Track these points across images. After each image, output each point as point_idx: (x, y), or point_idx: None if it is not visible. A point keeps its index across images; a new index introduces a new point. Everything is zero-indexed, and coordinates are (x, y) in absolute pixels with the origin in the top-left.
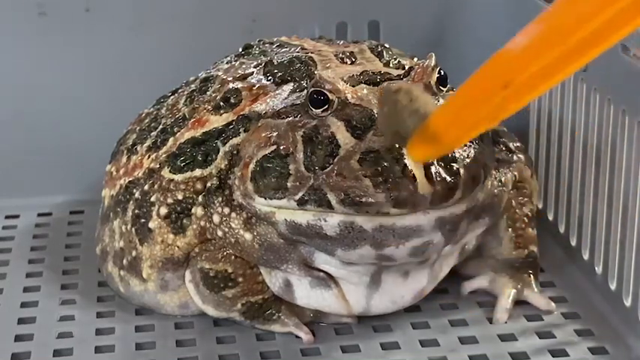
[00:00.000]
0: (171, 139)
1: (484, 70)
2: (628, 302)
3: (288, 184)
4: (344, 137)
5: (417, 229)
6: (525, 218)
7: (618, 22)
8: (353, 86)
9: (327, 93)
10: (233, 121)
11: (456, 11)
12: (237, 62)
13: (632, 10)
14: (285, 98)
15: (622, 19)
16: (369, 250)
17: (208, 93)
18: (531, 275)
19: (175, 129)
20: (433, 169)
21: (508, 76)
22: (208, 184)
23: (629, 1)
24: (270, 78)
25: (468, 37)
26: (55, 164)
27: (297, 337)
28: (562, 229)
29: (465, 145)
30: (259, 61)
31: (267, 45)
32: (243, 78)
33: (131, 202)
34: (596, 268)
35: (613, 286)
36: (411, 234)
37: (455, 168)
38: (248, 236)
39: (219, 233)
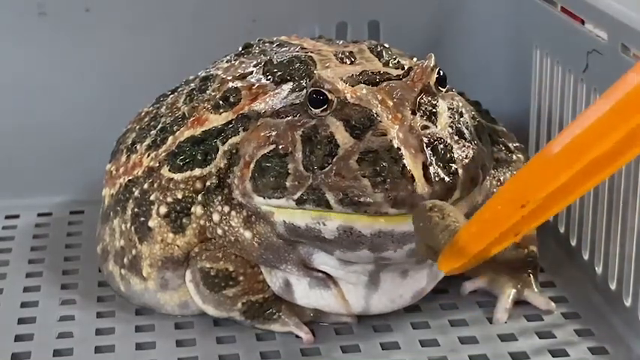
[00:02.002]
0: (170, 138)
1: (504, 190)
2: (628, 302)
3: (287, 184)
4: (343, 137)
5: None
6: None
7: (625, 145)
8: (352, 86)
9: (327, 93)
10: (232, 120)
11: (456, 11)
12: (237, 61)
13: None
14: (285, 98)
15: (630, 142)
16: (367, 253)
17: (208, 92)
18: (531, 275)
19: (175, 128)
20: (432, 170)
21: (525, 197)
22: (208, 183)
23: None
24: (269, 77)
25: (468, 38)
26: (55, 164)
27: (297, 336)
28: (562, 229)
29: (464, 146)
30: (259, 61)
31: (266, 44)
32: (243, 77)
33: (131, 200)
34: (596, 268)
35: (613, 286)
36: (409, 238)
37: (453, 168)
38: (248, 235)
39: (219, 232)
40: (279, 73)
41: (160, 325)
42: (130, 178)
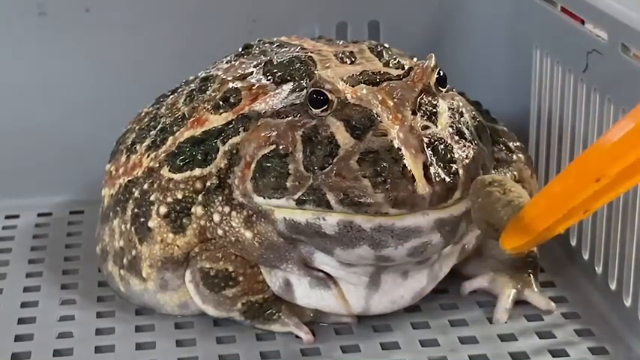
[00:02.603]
0: (170, 138)
1: (577, 164)
2: (628, 302)
3: (288, 184)
4: (343, 137)
5: (415, 230)
6: None
7: None
8: (352, 86)
9: (327, 93)
10: (232, 120)
11: (456, 12)
12: (237, 62)
13: None
14: (285, 98)
15: None
16: (368, 251)
17: (208, 92)
18: (531, 275)
19: (175, 128)
20: (432, 170)
21: (600, 171)
22: (208, 184)
23: None
24: (269, 77)
25: (468, 38)
26: (55, 164)
27: (297, 337)
28: None
29: (464, 146)
30: (259, 61)
31: (266, 45)
32: (243, 77)
33: (130, 201)
34: (596, 268)
35: (613, 286)
36: (409, 235)
37: (454, 168)
38: (248, 235)
39: (220, 232)
40: (279, 74)
41: (160, 325)
42: (130, 178)
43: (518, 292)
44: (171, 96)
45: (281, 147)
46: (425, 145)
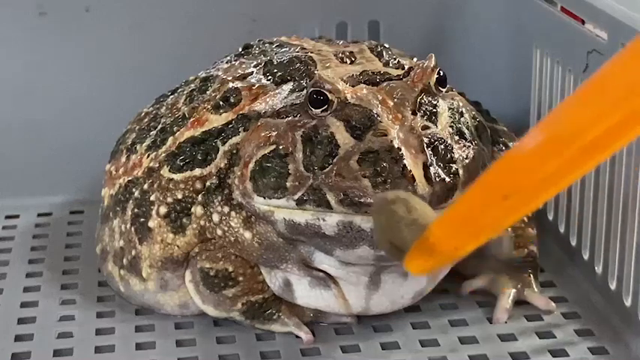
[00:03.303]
0: (170, 139)
1: (483, 181)
2: (628, 302)
3: (288, 184)
4: (343, 137)
5: None
6: (525, 218)
7: (619, 130)
8: (352, 86)
9: (327, 93)
10: (232, 120)
11: (456, 11)
12: (237, 62)
13: (633, 118)
14: (285, 98)
15: (624, 127)
16: (368, 251)
17: (208, 92)
18: (531, 275)
19: (175, 128)
20: (432, 170)
21: (508, 187)
22: (208, 184)
23: (630, 109)
24: (269, 77)
25: (468, 38)
26: (55, 164)
27: (297, 337)
28: (562, 229)
29: (464, 146)
30: (259, 61)
31: (266, 45)
32: (243, 77)
33: (130, 201)
34: (596, 268)
35: (613, 286)
36: None
37: (454, 168)
38: (248, 235)
39: (219, 232)
40: (279, 74)
41: (160, 325)
42: (130, 178)
43: (518, 292)
44: (172, 96)
45: (281, 147)
46: (425, 145)
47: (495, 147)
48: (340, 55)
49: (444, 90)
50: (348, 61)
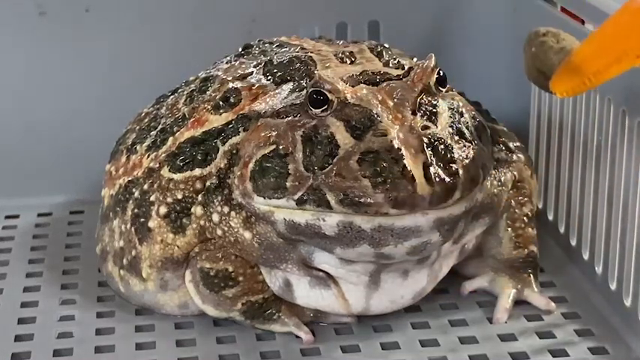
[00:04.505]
0: (170, 139)
1: (626, 8)
2: (628, 302)
3: (287, 184)
4: (343, 137)
5: (415, 230)
6: (525, 218)
7: None
8: (352, 86)
9: (327, 93)
10: (232, 120)
11: (456, 11)
12: (237, 62)
13: None
14: (285, 98)
15: None
16: (368, 249)
17: (208, 92)
18: (531, 275)
19: (175, 128)
20: (432, 170)
21: None
22: (208, 184)
23: None
24: (269, 78)
25: (468, 37)
26: (55, 164)
27: (297, 337)
28: (562, 229)
29: (464, 146)
30: (259, 61)
31: (266, 45)
32: (243, 78)
33: (130, 201)
34: (596, 268)
35: (613, 286)
36: (409, 234)
37: (454, 168)
38: (247, 235)
39: (219, 232)
40: (279, 74)
41: (160, 325)
42: (130, 178)
43: (518, 292)
44: (172, 96)
45: (281, 147)
46: (425, 145)
47: (495, 147)
48: (340, 55)
49: (444, 90)
50: (348, 61)
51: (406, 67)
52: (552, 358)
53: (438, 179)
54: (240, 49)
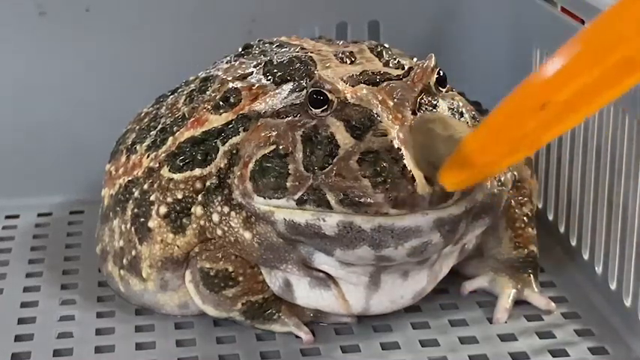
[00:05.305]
0: (170, 139)
1: (519, 91)
2: (628, 302)
3: (288, 184)
4: (343, 137)
5: (415, 230)
6: (525, 218)
7: None
8: (352, 86)
9: (327, 93)
10: (232, 120)
11: (456, 11)
12: (237, 62)
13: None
14: (285, 98)
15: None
16: (368, 251)
17: (208, 92)
18: (531, 275)
19: (175, 128)
20: None
21: (545, 97)
22: (208, 184)
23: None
24: (269, 78)
25: (468, 38)
26: (55, 164)
27: (297, 337)
28: (562, 229)
29: None
30: (259, 61)
31: (266, 45)
32: (243, 78)
33: (130, 201)
34: (596, 268)
35: (613, 286)
36: (409, 234)
37: None
38: (247, 235)
39: (219, 232)
40: (279, 74)
41: (160, 325)
42: (130, 178)
43: (518, 292)
44: (172, 96)
45: (281, 147)
46: None
47: None
48: (340, 55)
49: (444, 90)
50: (348, 61)
51: (406, 67)
52: (552, 358)
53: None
54: (240, 49)
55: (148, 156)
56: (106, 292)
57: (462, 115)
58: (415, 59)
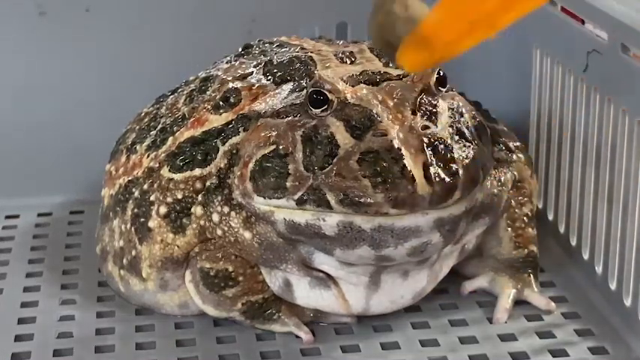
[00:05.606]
0: (170, 139)
1: None
2: (628, 302)
3: (287, 184)
4: (343, 137)
5: (415, 230)
6: (525, 218)
7: None
8: (352, 86)
9: (327, 93)
10: (232, 120)
11: None
12: (237, 62)
13: None
14: (285, 98)
15: None
16: (368, 251)
17: (208, 92)
18: (531, 275)
19: (175, 128)
20: (432, 170)
21: None
22: (208, 184)
23: None
24: (269, 77)
25: None
26: (55, 164)
27: (297, 337)
28: (562, 229)
29: (464, 146)
30: (259, 61)
31: (266, 45)
32: (243, 77)
33: (130, 201)
34: (596, 268)
35: (613, 286)
36: (409, 234)
37: (454, 168)
38: (247, 235)
39: (219, 232)
40: (279, 74)
41: (160, 325)
42: (130, 178)
43: (518, 292)
44: (172, 96)
45: (281, 147)
46: (425, 145)
47: (495, 147)
48: (340, 55)
49: (444, 90)
50: (348, 61)
51: None
52: (552, 358)
53: (438, 179)
54: (240, 49)
55: (148, 156)
56: (106, 292)
57: (462, 115)
58: None
